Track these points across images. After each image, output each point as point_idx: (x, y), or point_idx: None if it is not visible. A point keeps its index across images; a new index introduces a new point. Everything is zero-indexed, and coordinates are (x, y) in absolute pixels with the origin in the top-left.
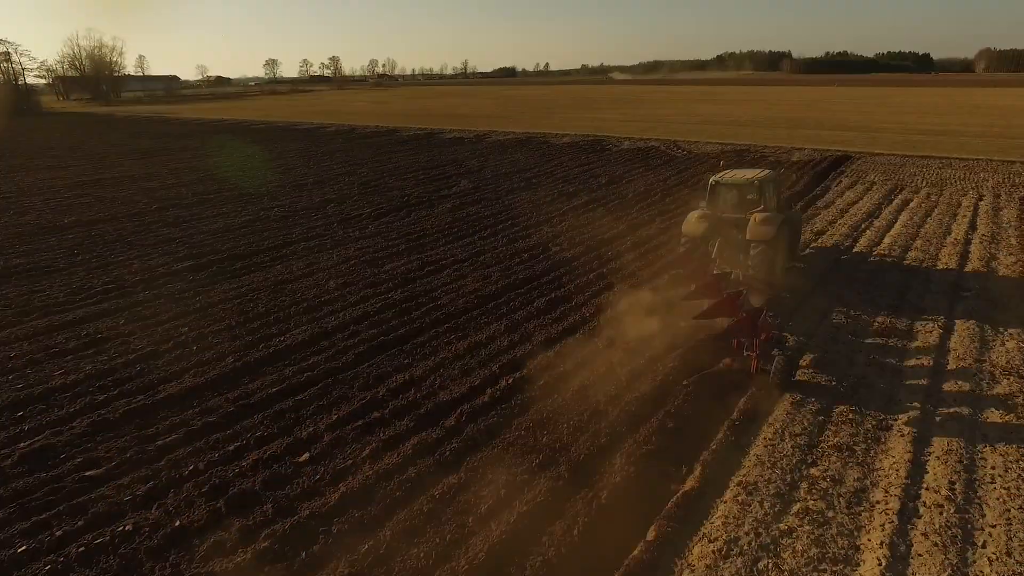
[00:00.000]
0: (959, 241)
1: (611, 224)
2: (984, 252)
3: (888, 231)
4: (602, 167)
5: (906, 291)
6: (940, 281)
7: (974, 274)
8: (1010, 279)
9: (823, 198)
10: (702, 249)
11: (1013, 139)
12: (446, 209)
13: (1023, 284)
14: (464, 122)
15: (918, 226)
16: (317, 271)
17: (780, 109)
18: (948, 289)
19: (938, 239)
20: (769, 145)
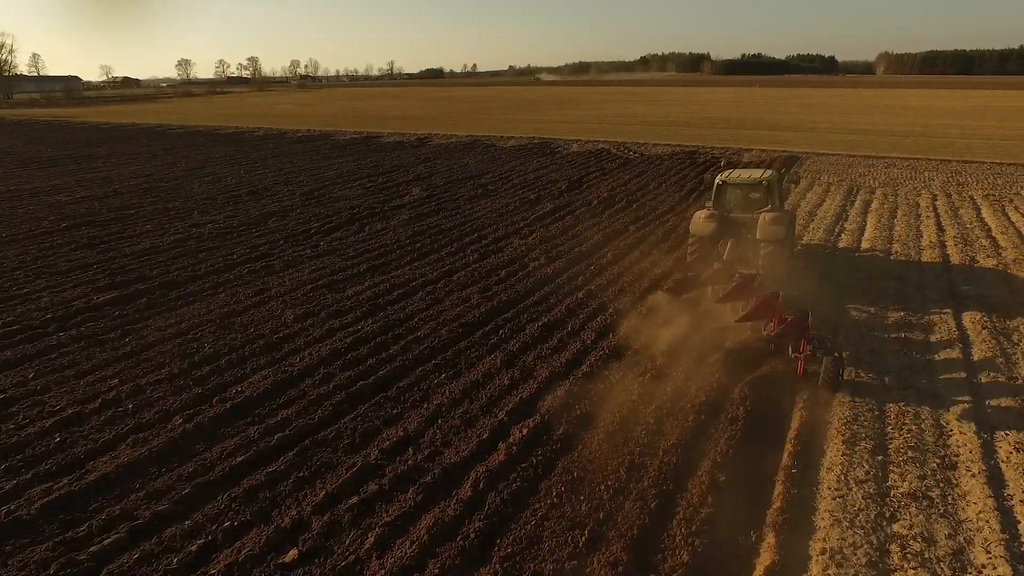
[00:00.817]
0: (935, 243)
1: (585, 234)
2: (961, 251)
3: (862, 233)
4: (557, 171)
5: (903, 287)
6: (931, 276)
7: (960, 269)
8: (997, 272)
9: (787, 200)
10: (713, 250)
11: (935, 138)
12: (403, 221)
13: (1008, 279)
14: (401, 125)
15: (888, 227)
16: (269, 299)
17: (713, 109)
18: (940, 283)
19: (914, 240)
20: (717, 146)
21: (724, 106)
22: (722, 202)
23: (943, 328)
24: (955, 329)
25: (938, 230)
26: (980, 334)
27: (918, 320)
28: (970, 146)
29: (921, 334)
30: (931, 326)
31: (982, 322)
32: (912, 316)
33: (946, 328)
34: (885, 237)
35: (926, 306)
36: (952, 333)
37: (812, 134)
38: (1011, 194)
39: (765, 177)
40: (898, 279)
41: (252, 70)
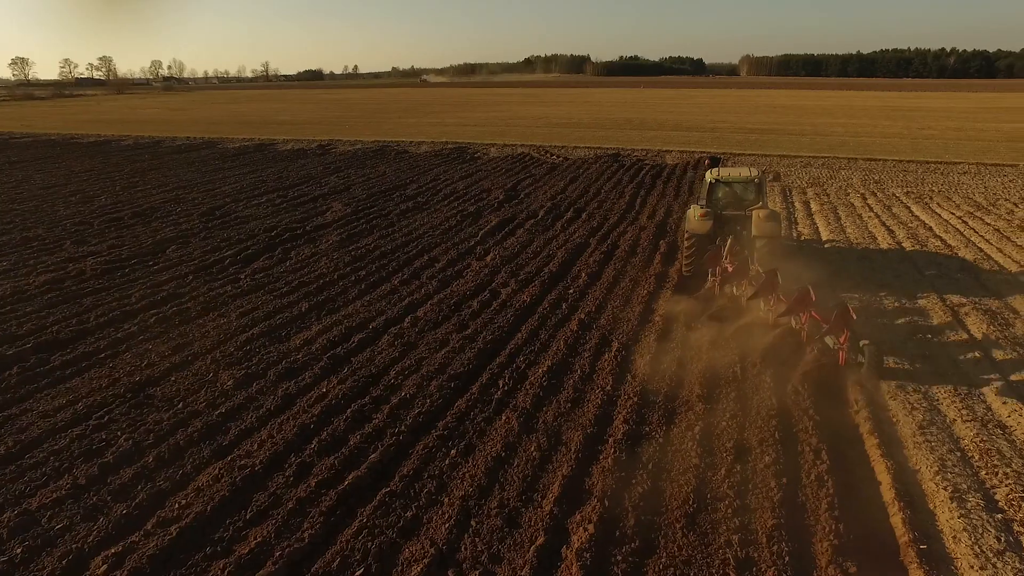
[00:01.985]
0: (885, 236)
1: (546, 251)
2: (911, 241)
3: (816, 229)
4: (487, 179)
5: (879, 275)
6: (897, 264)
7: (918, 255)
8: (950, 257)
9: None
10: (709, 248)
11: (826, 136)
12: (333, 243)
13: (962, 262)
14: (294, 130)
15: (838, 224)
16: (193, 357)
17: (612, 110)
18: (908, 268)
19: (867, 233)
20: (637, 148)
21: (621, 107)
22: (714, 200)
23: (937, 311)
24: (947, 312)
25: (883, 225)
26: (971, 315)
27: (912, 305)
28: (863, 144)
29: (921, 319)
30: (926, 311)
31: (965, 303)
32: (905, 302)
33: (940, 311)
34: (839, 232)
35: (910, 291)
36: (947, 316)
37: (718, 134)
38: (930, 192)
39: (756, 175)
40: (870, 268)
41: (106, 71)
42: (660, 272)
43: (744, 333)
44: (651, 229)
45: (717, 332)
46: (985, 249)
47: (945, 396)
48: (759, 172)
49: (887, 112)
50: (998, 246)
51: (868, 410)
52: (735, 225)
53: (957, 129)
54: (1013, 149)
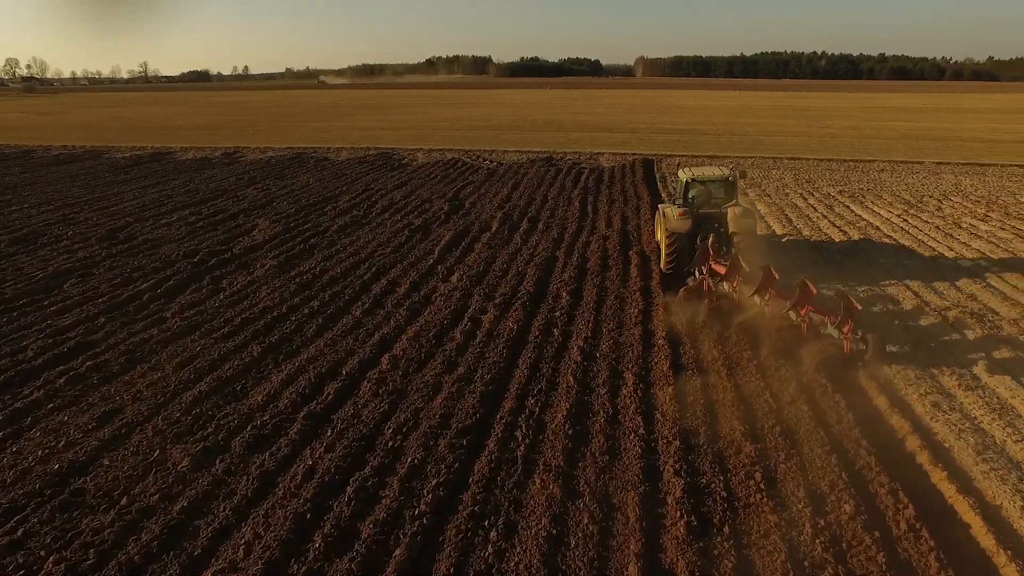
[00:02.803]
0: (835, 230)
1: (515, 268)
2: (859, 234)
3: (768, 225)
4: (424, 188)
5: (844, 264)
6: (854, 254)
7: (870, 245)
8: (897, 247)
9: None
10: (690, 246)
11: (743, 135)
12: (271, 268)
13: (909, 252)
14: (192, 137)
15: (789, 220)
16: (128, 429)
17: (527, 112)
18: (863, 257)
19: (818, 229)
20: (567, 150)
21: (535, 108)
22: (690, 199)
23: (907, 297)
24: (914, 297)
25: (831, 223)
26: (934, 300)
27: (883, 292)
28: (778, 143)
29: (894, 305)
30: (896, 298)
31: (927, 288)
32: (877, 289)
33: (908, 297)
34: (791, 228)
35: (873, 279)
36: (915, 300)
37: (639, 135)
38: (861, 190)
39: (729, 174)
40: (830, 259)
41: None
42: (643, 287)
43: (751, 335)
44: (615, 239)
45: (726, 346)
46: (926, 241)
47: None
48: (732, 171)
49: (785, 111)
50: (936, 238)
51: (912, 429)
52: (713, 223)
53: (854, 128)
54: (911, 147)
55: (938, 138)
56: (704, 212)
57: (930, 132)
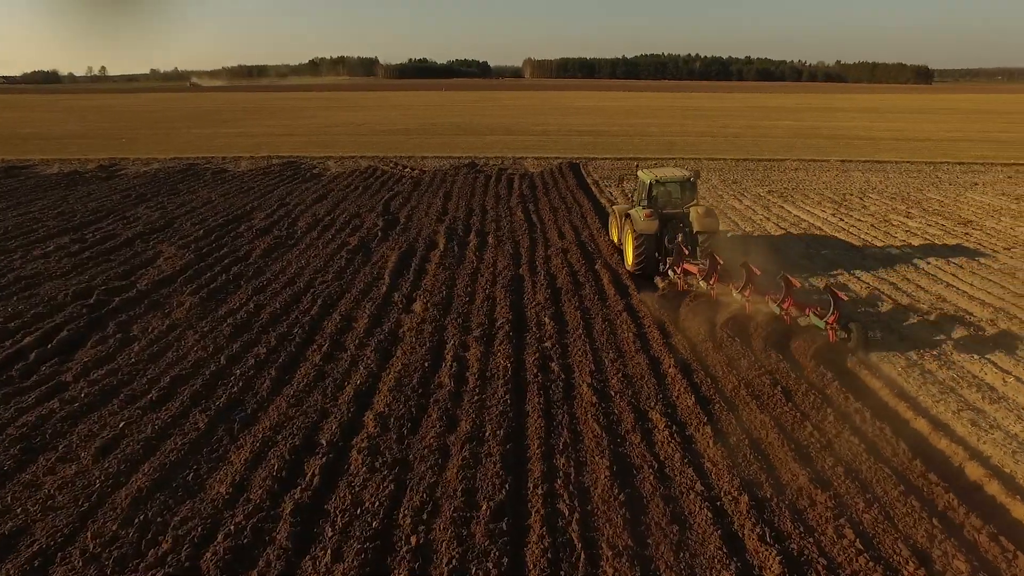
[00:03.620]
0: (776, 226)
1: (479, 290)
2: (796, 230)
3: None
4: (347, 200)
5: (793, 257)
6: (800, 248)
7: (808, 239)
8: (833, 240)
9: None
10: (657, 247)
11: (651, 136)
12: (193, 308)
13: (844, 244)
14: (51, 147)
15: (732, 220)
16: (38, 561)
17: (430, 114)
18: (806, 251)
19: (759, 226)
20: (486, 154)
21: (436, 110)
22: (654, 200)
23: (858, 286)
24: (865, 286)
25: (769, 220)
26: (884, 286)
27: (834, 281)
28: (689, 143)
29: (846, 292)
30: (848, 287)
31: (873, 278)
32: (830, 279)
33: (859, 285)
34: (734, 226)
35: (827, 270)
36: (867, 289)
37: (552, 137)
38: (784, 189)
39: (690, 174)
40: (777, 252)
41: None
42: (626, 305)
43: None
44: (575, 252)
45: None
46: (857, 234)
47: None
48: (691, 171)
49: (681, 112)
50: (876, 235)
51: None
52: (677, 223)
53: (751, 127)
54: (809, 146)
55: (827, 136)
56: (667, 213)
57: (817, 131)
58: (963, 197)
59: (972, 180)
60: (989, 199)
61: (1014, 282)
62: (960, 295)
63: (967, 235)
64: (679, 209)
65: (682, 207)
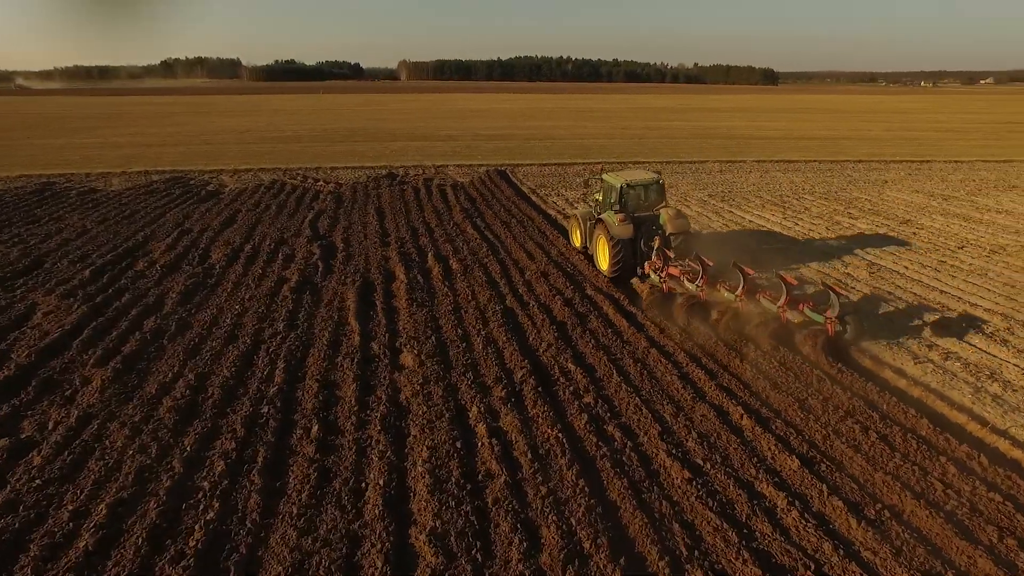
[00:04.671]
0: (718, 225)
1: (472, 330)
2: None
3: None
4: (264, 223)
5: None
6: (750, 244)
7: (749, 235)
8: (767, 234)
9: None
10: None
11: (559, 139)
12: (107, 387)
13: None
14: None
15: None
16: None
17: (318, 120)
18: (748, 246)
19: (708, 227)
20: (405, 164)
21: (323, 115)
22: (625, 204)
23: (815, 277)
24: (825, 277)
25: (728, 227)
26: (843, 279)
27: (796, 274)
28: (600, 146)
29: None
30: (809, 280)
31: (824, 269)
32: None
33: (818, 277)
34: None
35: (777, 265)
36: (827, 278)
37: (461, 142)
38: (723, 192)
39: (658, 177)
40: (733, 248)
41: None
42: (649, 338)
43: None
44: (556, 275)
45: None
46: (817, 236)
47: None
48: (658, 173)
49: (577, 113)
50: (823, 234)
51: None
52: (650, 226)
53: (650, 128)
54: (717, 147)
55: (725, 136)
56: (639, 216)
57: (713, 131)
58: (884, 195)
59: (881, 178)
60: (907, 196)
61: (995, 283)
62: (952, 299)
63: (914, 234)
64: (649, 212)
65: (652, 209)
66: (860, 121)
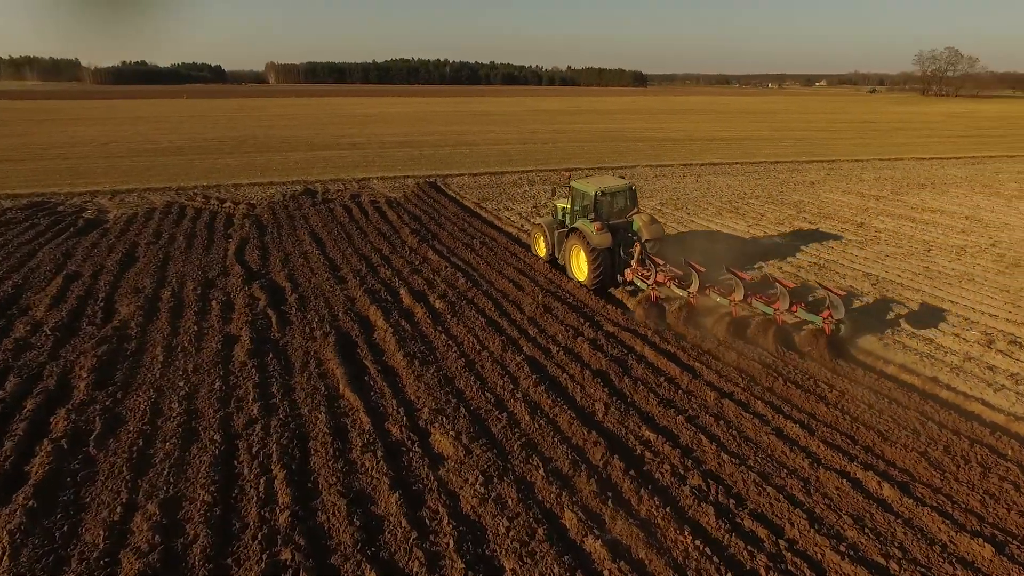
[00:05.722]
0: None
1: (501, 393)
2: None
3: None
4: (176, 259)
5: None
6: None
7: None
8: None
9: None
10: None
11: (479, 145)
12: (18, 541)
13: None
14: None
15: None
16: None
17: (193, 128)
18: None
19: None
20: (321, 179)
21: (204, 123)
22: (600, 212)
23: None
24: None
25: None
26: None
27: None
28: (521, 152)
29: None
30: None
31: (778, 265)
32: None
33: (783, 274)
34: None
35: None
36: (796, 279)
37: (370, 150)
38: (674, 199)
39: (630, 184)
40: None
41: None
42: (710, 383)
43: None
44: (560, 309)
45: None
46: (788, 242)
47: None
48: (629, 179)
49: (474, 117)
50: (793, 240)
51: None
52: (625, 233)
53: (557, 132)
54: (637, 151)
55: (637, 139)
56: (613, 223)
57: (621, 133)
58: (821, 197)
59: (804, 179)
60: (840, 197)
61: (991, 289)
62: (973, 311)
63: (876, 238)
64: (622, 218)
65: (624, 216)
66: (745, 122)
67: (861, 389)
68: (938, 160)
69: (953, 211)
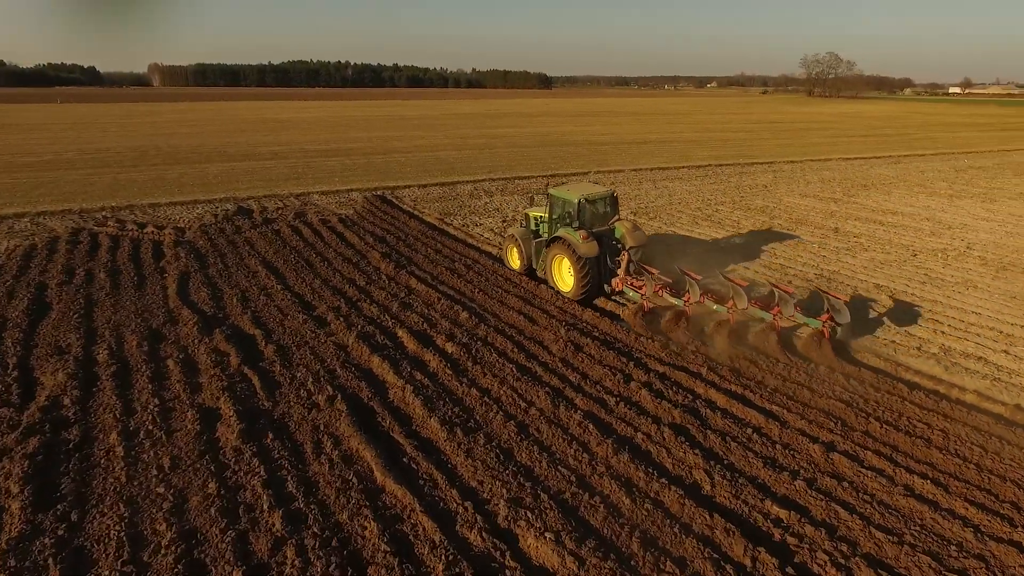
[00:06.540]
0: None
1: (609, 502)
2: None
3: None
4: (98, 303)
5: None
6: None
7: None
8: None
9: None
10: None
11: (408, 153)
12: None
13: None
14: None
15: None
16: None
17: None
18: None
19: None
20: (253, 195)
21: (90, 131)
22: (584, 220)
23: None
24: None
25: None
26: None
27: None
28: (466, 158)
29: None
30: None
31: (758, 266)
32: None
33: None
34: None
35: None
36: (774, 277)
37: (300, 161)
38: (641, 209)
39: (611, 190)
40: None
41: None
42: (770, 411)
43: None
44: (591, 346)
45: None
46: (773, 250)
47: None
48: (610, 187)
49: (398, 122)
50: (778, 246)
51: None
52: (609, 240)
53: (490, 137)
54: (579, 156)
55: (573, 143)
56: (596, 231)
57: (553, 138)
58: (782, 201)
59: (758, 183)
60: (799, 200)
61: (997, 296)
62: (987, 318)
63: (858, 243)
64: (605, 226)
65: (606, 223)
66: (662, 123)
67: (961, 427)
68: (862, 160)
69: (910, 212)
